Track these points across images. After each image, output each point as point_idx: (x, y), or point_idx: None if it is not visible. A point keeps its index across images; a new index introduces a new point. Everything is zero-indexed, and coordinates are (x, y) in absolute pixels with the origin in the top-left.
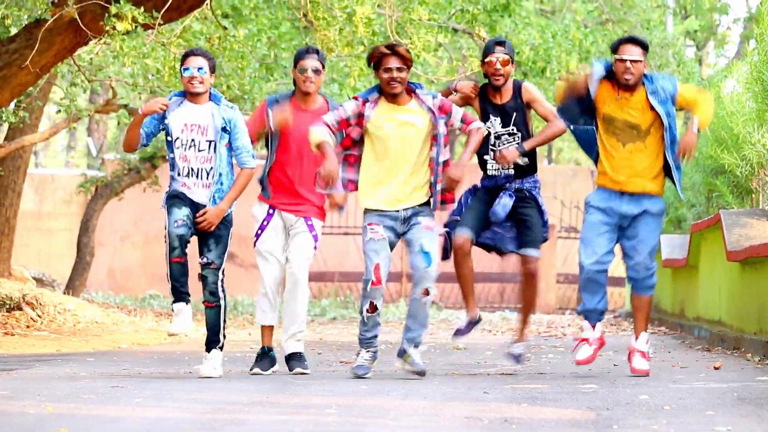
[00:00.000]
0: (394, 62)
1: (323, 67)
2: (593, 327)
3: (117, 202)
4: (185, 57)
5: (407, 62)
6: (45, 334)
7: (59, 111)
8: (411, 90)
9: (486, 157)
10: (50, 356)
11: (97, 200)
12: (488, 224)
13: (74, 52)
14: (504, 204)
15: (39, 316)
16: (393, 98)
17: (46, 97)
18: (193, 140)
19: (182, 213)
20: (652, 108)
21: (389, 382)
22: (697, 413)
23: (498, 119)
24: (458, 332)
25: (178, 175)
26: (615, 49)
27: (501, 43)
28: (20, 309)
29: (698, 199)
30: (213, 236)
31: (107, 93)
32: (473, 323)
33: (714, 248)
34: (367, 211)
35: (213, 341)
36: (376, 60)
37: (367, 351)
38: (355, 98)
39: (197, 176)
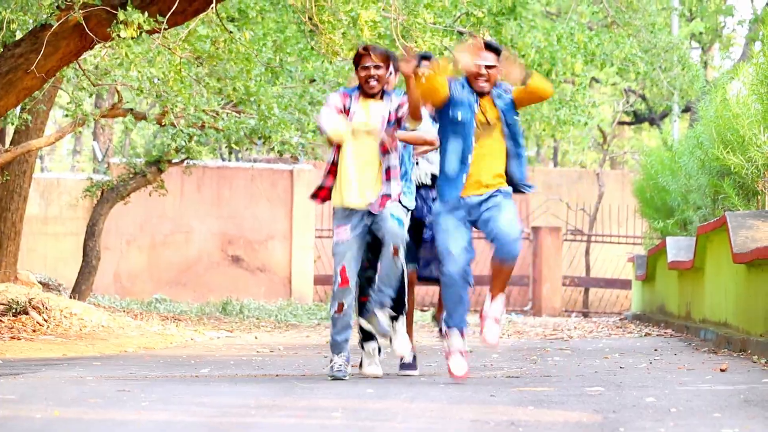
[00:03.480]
0: (370, 61)
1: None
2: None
3: (123, 206)
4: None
5: (385, 62)
6: (51, 339)
7: (65, 115)
8: (384, 93)
9: None
10: (56, 360)
11: (103, 204)
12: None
13: (80, 56)
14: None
15: (45, 321)
16: (370, 97)
17: (52, 101)
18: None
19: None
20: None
21: (396, 385)
22: (704, 416)
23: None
24: (406, 367)
25: None
26: None
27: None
28: (26, 313)
29: (704, 201)
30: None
31: (113, 97)
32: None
33: (720, 250)
34: (335, 211)
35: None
36: (356, 61)
37: (339, 356)
38: (336, 92)
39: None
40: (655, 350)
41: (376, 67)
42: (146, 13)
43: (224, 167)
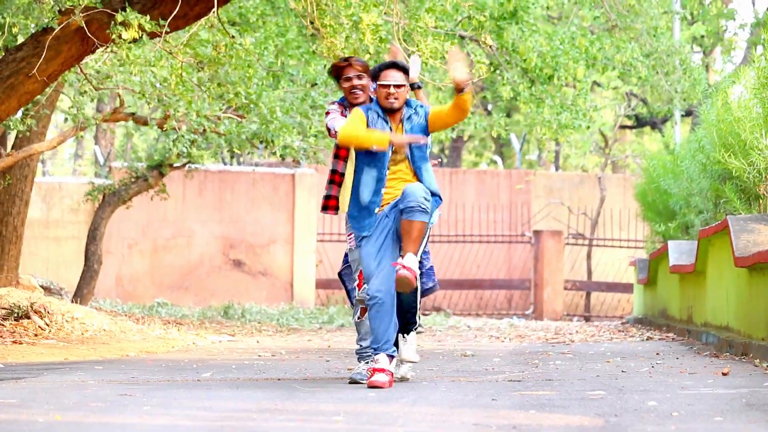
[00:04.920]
0: (353, 72)
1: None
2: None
3: (125, 210)
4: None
5: (366, 71)
6: (53, 343)
7: (66, 119)
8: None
9: None
10: (58, 364)
11: (104, 208)
12: None
13: (81, 60)
14: None
15: (47, 325)
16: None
17: (54, 105)
18: None
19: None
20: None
21: (397, 389)
22: (706, 419)
23: None
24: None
25: None
26: (376, 75)
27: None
28: (28, 317)
29: (706, 205)
30: None
31: (114, 101)
32: None
33: (722, 254)
34: (347, 218)
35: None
36: (335, 73)
37: (366, 363)
38: (333, 102)
39: None
40: (657, 354)
41: (359, 77)
42: (147, 17)
43: (226, 171)
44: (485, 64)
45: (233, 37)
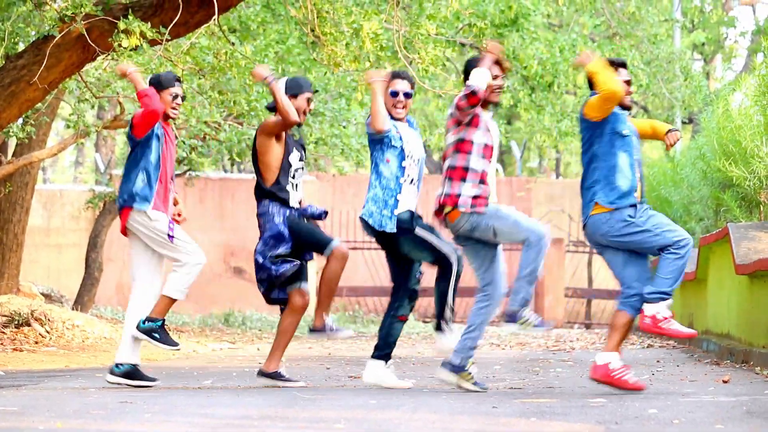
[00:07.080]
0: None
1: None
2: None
3: None
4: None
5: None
6: (53, 350)
7: (67, 126)
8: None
9: (288, 188)
10: (59, 372)
11: (105, 216)
12: None
13: (82, 68)
14: None
15: (47, 332)
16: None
17: (54, 112)
18: None
19: None
20: None
21: (399, 396)
22: (706, 427)
23: (298, 154)
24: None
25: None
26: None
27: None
28: (29, 325)
29: (706, 213)
30: None
31: (115, 109)
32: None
33: (722, 262)
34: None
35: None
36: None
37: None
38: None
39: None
40: (658, 361)
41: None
42: (149, 24)
43: (226, 179)
44: None
45: (234, 44)
